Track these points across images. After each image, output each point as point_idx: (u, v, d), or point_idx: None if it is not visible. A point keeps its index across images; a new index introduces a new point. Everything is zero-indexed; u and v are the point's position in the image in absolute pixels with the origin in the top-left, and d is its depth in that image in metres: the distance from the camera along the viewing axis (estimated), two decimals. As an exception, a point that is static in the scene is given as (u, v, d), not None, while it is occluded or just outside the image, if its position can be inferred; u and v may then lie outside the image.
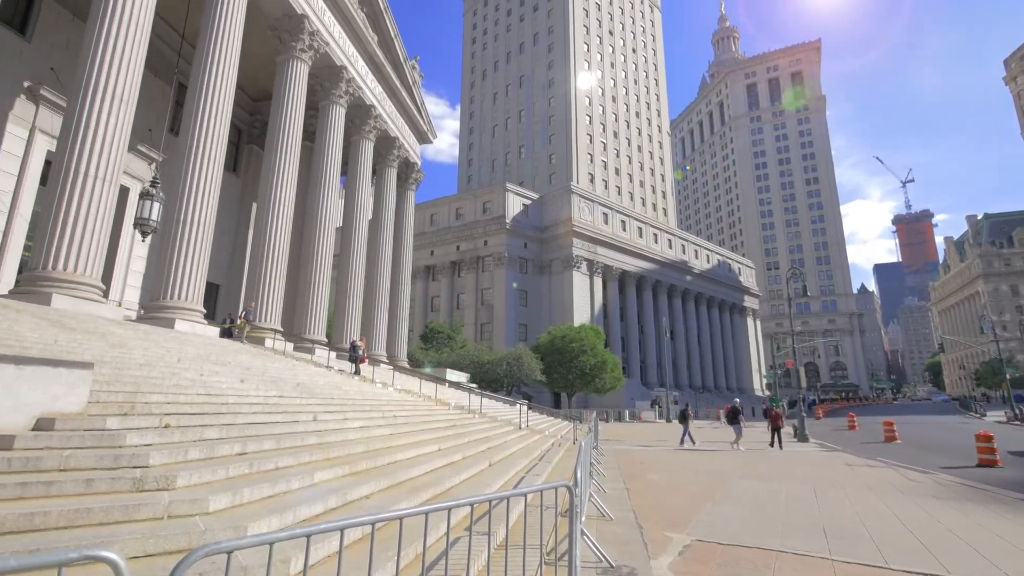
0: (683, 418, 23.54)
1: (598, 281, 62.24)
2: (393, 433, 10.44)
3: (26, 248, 17.28)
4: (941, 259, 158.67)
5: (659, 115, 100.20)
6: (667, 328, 58.08)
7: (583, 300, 59.47)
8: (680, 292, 74.75)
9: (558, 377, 44.41)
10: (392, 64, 31.92)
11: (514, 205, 61.07)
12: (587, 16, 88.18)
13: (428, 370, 32.77)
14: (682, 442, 21.95)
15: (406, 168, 36.18)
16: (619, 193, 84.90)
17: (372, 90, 29.99)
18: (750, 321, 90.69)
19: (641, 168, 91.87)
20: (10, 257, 17.22)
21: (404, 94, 33.86)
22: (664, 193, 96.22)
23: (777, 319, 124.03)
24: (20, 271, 16.43)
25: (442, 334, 48.65)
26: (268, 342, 20.18)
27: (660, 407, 48.99)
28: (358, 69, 28.19)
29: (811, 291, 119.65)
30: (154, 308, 16.31)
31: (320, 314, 24.52)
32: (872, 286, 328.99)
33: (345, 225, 29.15)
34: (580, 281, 59.87)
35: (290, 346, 21.24)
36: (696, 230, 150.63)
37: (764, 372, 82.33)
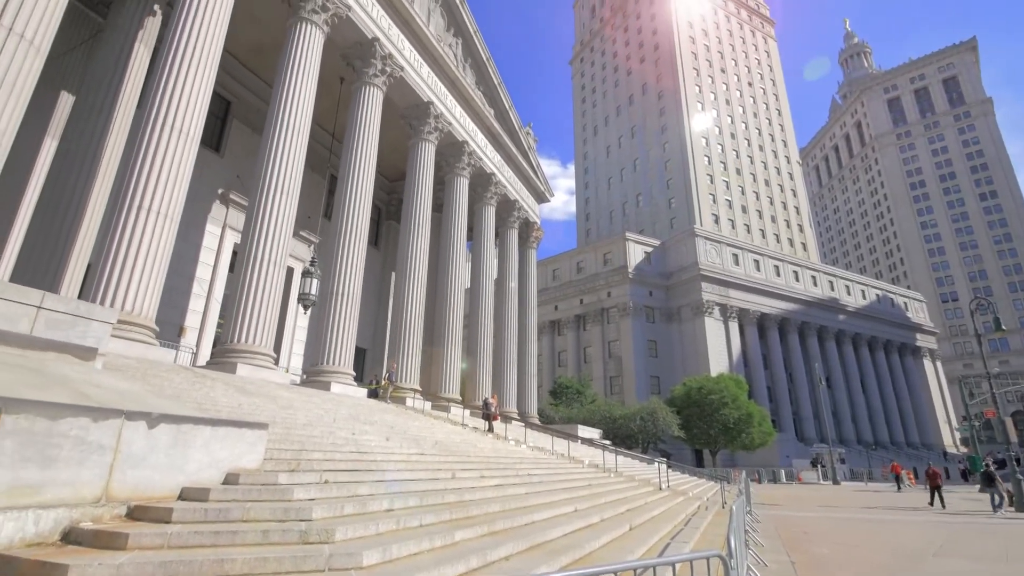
0: (989, 481, 19.28)
1: (734, 326, 57.94)
2: (528, 492, 10.33)
3: (219, 325, 20.61)
4: None
5: (786, 145, 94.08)
6: (821, 375, 51.69)
7: (718, 347, 55.53)
8: (832, 334, 66.69)
9: (698, 432, 41.22)
10: (508, 133, 34.06)
11: (635, 254, 60.09)
12: (696, 59, 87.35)
13: (559, 426, 32.37)
14: (997, 508, 18.36)
15: (526, 228, 37.60)
16: (748, 231, 79.83)
17: (491, 159, 32.10)
18: (927, 363, 77.55)
19: (771, 203, 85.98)
20: (207, 334, 20.64)
21: (520, 159, 35.74)
22: (801, 226, 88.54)
23: (964, 359, 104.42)
24: (215, 344, 19.54)
25: (571, 389, 48.10)
26: (409, 401, 21.46)
27: (823, 466, 42.95)
28: (478, 142, 30.47)
29: (1007, 324, 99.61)
30: (313, 372, 18.31)
31: (454, 373, 25.67)
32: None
33: (472, 287, 30.74)
34: (713, 327, 56.22)
35: (428, 405, 22.38)
36: (844, 264, 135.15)
37: (955, 424, 69.03)
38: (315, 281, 18.14)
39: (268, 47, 22.08)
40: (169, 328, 18.71)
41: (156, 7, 16.95)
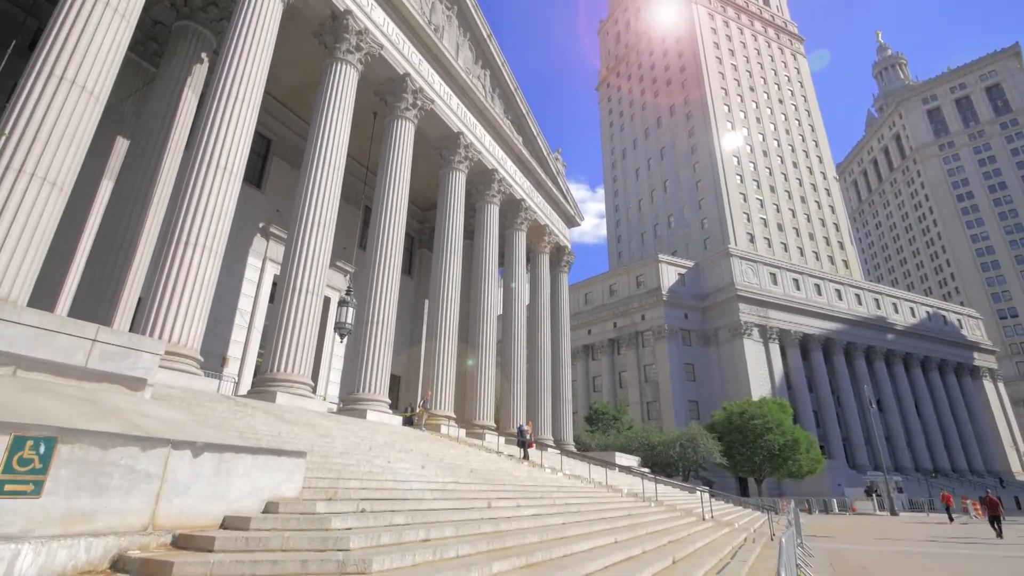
0: None
1: (774, 348, 56.07)
2: (566, 522, 10.08)
3: (259, 355, 21.18)
4: None
5: (821, 161, 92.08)
6: (871, 397, 49.24)
7: (759, 370, 53.72)
8: (881, 354, 63.76)
9: (741, 460, 39.62)
10: (536, 159, 34.45)
11: (669, 276, 59.25)
12: (723, 79, 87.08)
13: (596, 454, 31.67)
14: None
15: (557, 252, 37.63)
16: (786, 250, 77.84)
17: (520, 185, 32.46)
18: (988, 384, 73.00)
19: (808, 220, 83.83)
20: (249, 363, 21.22)
21: (550, 184, 36.01)
22: (841, 243, 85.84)
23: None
24: (255, 374, 20.04)
25: (607, 415, 47.16)
26: (443, 428, 21.42)
27: (878, 495, 40.56)
28: (507, 169, 30.90)
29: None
30: (350, 400, 18.52)
31: (488, 400, 25.56)
32: None
33: (505, 312, 30.78)
34: (753, 349, 54.53)
35: (462, 432, 22.28)
36: (889, 280, 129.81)
37: (1023, 449, 64.42)
38: (351, 310, 18.50)
39: (306, 87, 23.11)
40: (213, 358, 19.32)
41: (203, 55, 18.03)
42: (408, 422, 20.63)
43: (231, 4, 17.61)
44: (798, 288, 61.34)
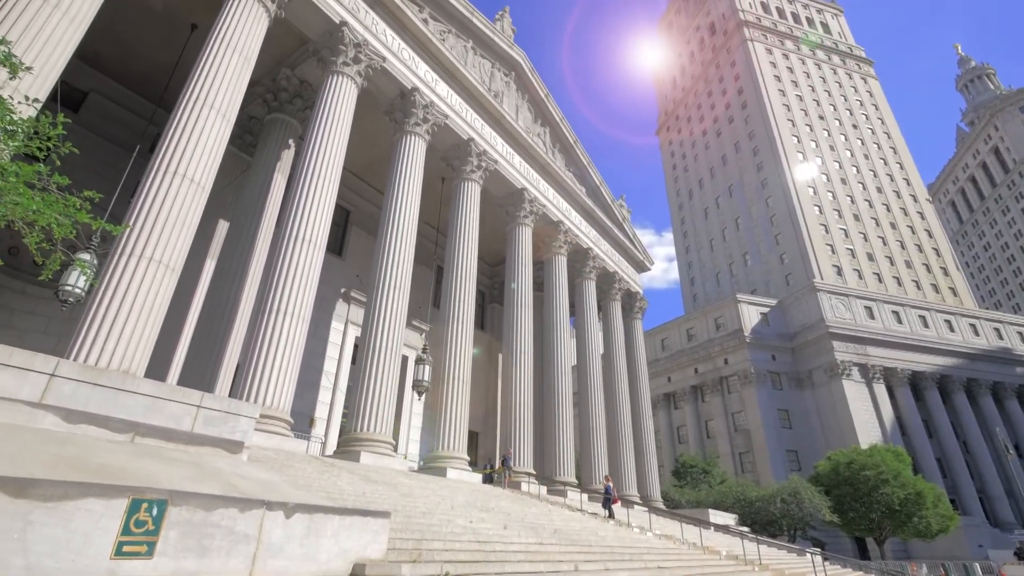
0: None
1: (880, 389, 50.91)
2: (661, 588, 9.34)
3: (343, 415, 21.94)
4: None
5: (909, 184, 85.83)
6: (1006, 442, 43.02)
7: (865, 414, 48.75)
8: (1012, 391, 56.19)
9: (855, 517, 35.35)
10: (601, 207, 34.61)
11: (750, 316, 56.22)
12: (789, 111, 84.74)
13: (687, 511, 29.52)
14: None
15: (629, 299, 36.93)
16: (880, 280, 71.87)
17: (586, 234, 32.58)
18: None
19: (902, 247, 77.45)
20: (334, 423, 22.02)
21: (616, 231, 35.89)
22: (945, 269, 78.19)
23: None
24: (340, 433, 20.72)
25: (696, 468, 44.15)
26: (524, 486, 20.89)
27: (1034, 558, 34.57)
28: (572, 219, 31.21)
29: None
30: (430, 459, 18.61)
31: (568, 455, 24.80)
32: None
33: (579, 363, 30.23)
34: (854, 391, 49.80)
35: (543, 489, 21.60)
36: (1009, 307, 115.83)
37: None
38: (427, 367, 18.90)
39: (379, 160, 24.88)
40: (301, 419, 20.23)
41: (290, 141, 20.00)
42: (488, 479, 20.32)
43: (313, 95, 19.60)
44: (899, 321, 56.09)
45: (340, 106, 17.35)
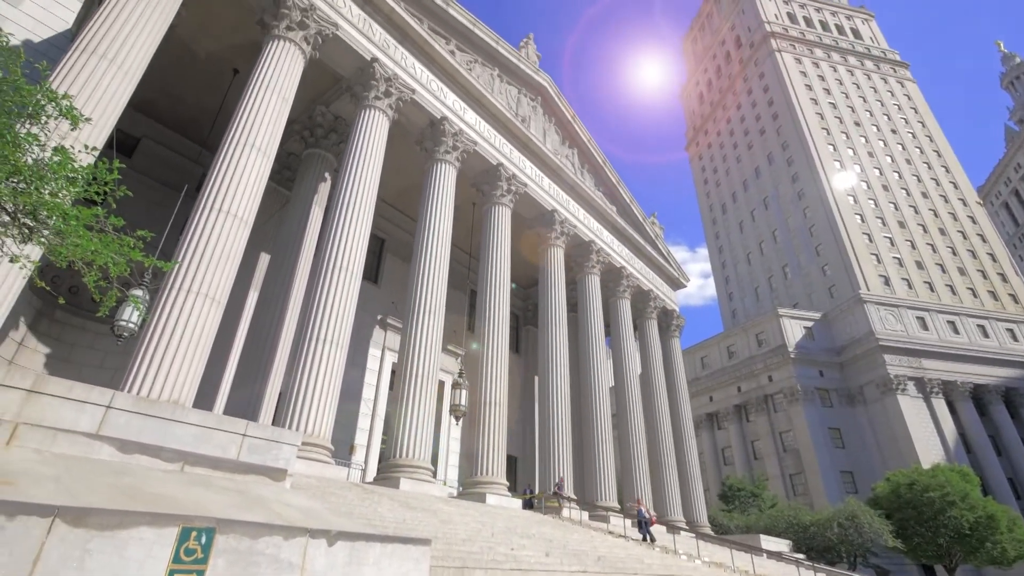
0: None
1: (939, 404, 48.04)
2: (713, 619, 8.90)
3: (383, 441, 22.08)
4: None
5: (956, 187, 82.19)
6: (1088, 458, 39.74)
7: (924, 431, 45.99)
8: (1089, 402, 52.04)
9: (922, 542, 33.01)
10: (633, 226, 34.35)
11: (793, 330, 54.28)
12: (823, 119, 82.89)
13: (736, 537, 28.23)
14: None
15: (665, 317, 36.27)
16: (931, 289, 68.45)
17: (619, 253, 32.32)
18: None
19: (954, 253, 73.79)
20: (374, 449, 22.17)
21: (649, 249, 35.50)
22: (1003, 275, 73.94)
23: None
24: (380, 459, 20.82)
25: (744, 491, 42.28)
26: (565, 511, 20.44)
27: None
28: (604, 239, 31.06)
29: None
30: (469, 484, 18.47)
31: (609, 478, 24.21)
32: None
33: (617, 383, 29.69)
34: (911, 406, 47.15)
35: (585, 515, 21.09)
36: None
37: None
38: (464, 392, 18.91)
39: (411, 188, 25.44)
40: (341, 445, 20.45)
41: (327, 174, 20.73)
42: (528, 504, 19.98)
43: (347, 129, 20.32)
44: (956, 331, 53.15)
45: (373, 138, 17.93)
